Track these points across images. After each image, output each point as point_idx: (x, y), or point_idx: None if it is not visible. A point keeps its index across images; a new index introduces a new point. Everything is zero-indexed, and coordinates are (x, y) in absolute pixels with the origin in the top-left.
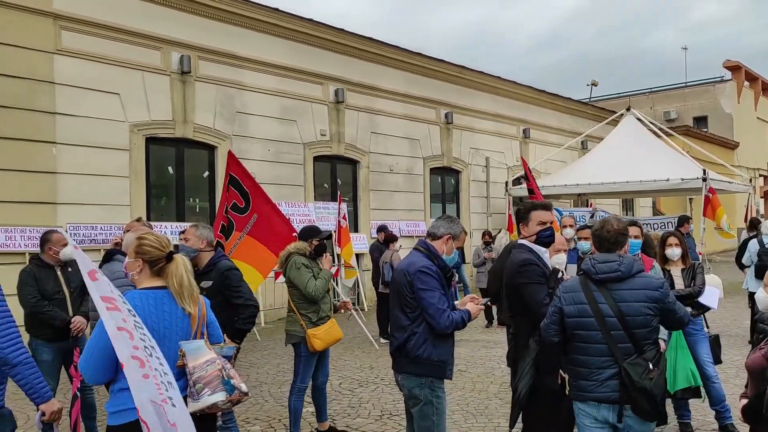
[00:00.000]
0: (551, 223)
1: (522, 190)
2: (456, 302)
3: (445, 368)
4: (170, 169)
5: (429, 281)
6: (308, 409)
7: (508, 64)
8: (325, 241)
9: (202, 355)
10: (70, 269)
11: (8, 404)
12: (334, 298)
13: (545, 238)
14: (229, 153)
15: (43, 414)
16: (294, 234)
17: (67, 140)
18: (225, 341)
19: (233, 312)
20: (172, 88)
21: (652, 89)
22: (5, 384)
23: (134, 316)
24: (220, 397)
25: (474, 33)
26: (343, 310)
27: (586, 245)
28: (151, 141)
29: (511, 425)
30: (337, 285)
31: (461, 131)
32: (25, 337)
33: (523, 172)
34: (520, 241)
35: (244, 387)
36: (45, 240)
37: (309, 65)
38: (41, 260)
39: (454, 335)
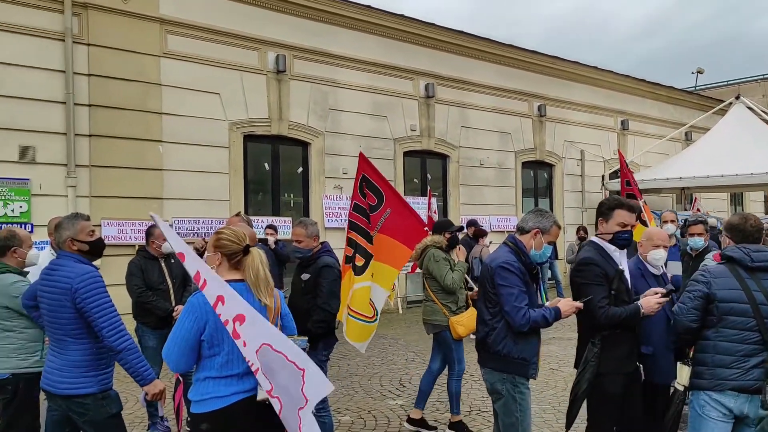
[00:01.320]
0: (632, 226)
1: (619, 184)
2: (548, 302)
3: (526, 366)
4: (266, 165)
5: (509, 277)
6: (394, 401)
7: (603, 53)
8: (457, 233)
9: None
10: (173, 261)
11: (118, 387)
12: (466, 287)
13: (622, 240)
14: (360, 154)
15: (147, 394)
16: (425, 228)
17: (172, 139)
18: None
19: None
20: (269, 87)
21: (765, 76)
22: (112, 368)
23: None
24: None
25: (567, 23)
26: (474, 299)
27: (699, 242)
28: (248, 138)
29: (568, 426)
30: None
31: (555, 124)
32: (133, 324)
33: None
34: (592, 239)
35: None
36: (149, 234)
37: (400, 61)
38: (147, 252)
39: (540, 333)
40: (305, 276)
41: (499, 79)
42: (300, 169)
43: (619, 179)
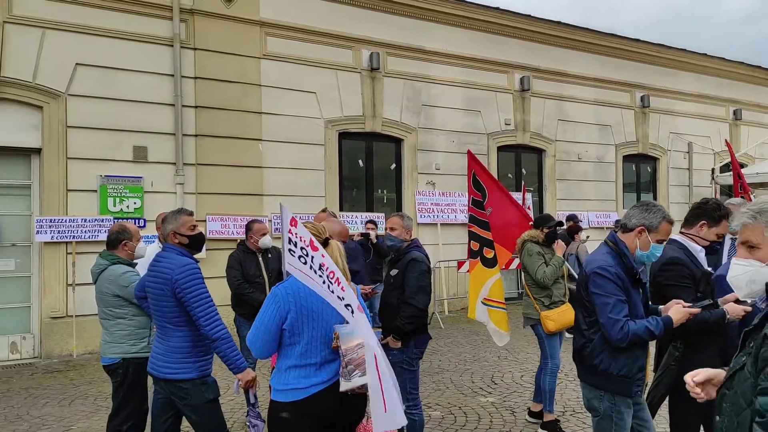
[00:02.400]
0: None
1: (731, 179)
2: (660, 307)
3: (628, 385)
4: (360, 161)
5: (604, 285)
6: (485, 399)
7: (711, 39)
8: (557, 228)
9: (354, 339)
10: (269, 255)
11: (219, 375)
12: (570, 283)
13: (713, 249)
14: (469, 152)
15: (241, 382)
16: (530, 222)
17: (271, 137)
18: (375, 326)
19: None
20: (363, 84)
21: None
22: (211, 356)
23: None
24: (369, 379)
25: (670, 10)
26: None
27: None
28: (343, 135)
29: None
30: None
31: (659, 115)
32: (231, 314)
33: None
34: (675, 237)
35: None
36: (248, 229)
37: (494, 54)
38: (246, 246)
39: (648, 345)
40: (394, 271)
41: (598, 70)
42: (393, 166)
43: (731, 173)
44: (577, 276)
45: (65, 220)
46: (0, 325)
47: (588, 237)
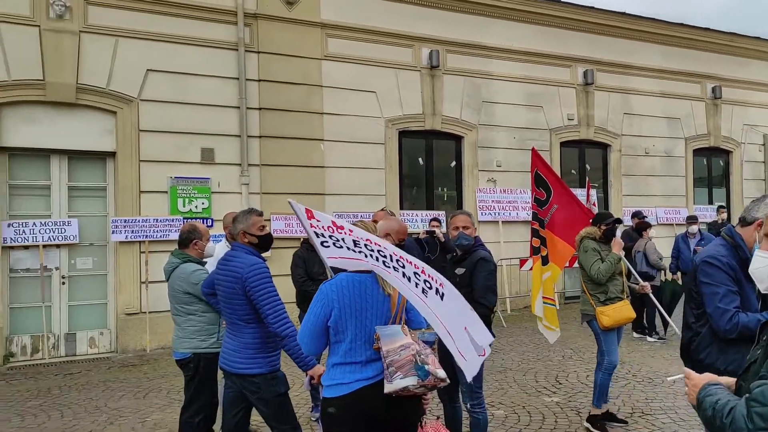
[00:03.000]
0: None
1: None
2: None
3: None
4: (420, 160)
5: (714, 274)
6: (550, 398)
7: None
8: (616, 225)
9: (397, 340)
10: None
11: (285, 370)
12: (630, 281)
13: None
14: (533, 150)
15: (312, 378)
16: (591, 219)
17: (332, 137)
18: (427, 327)
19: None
20: (422, 82)
21: None
22: (280, 351)
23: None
24: (411, 381)
25: None
26: (639, 293)
27: None
28: (403, 134)
29: None
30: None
31: (732, 106)
32: (296, 311)
33: None
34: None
35: (441, 373)
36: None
37: (556, 48)
38: (309, 245)
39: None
40: (460, 270)
41: (666, 61)
42: (453, 163)
43: None
44: (635, 272)
45: (138, 221)
46: (80, 321)
47: (655, 234)
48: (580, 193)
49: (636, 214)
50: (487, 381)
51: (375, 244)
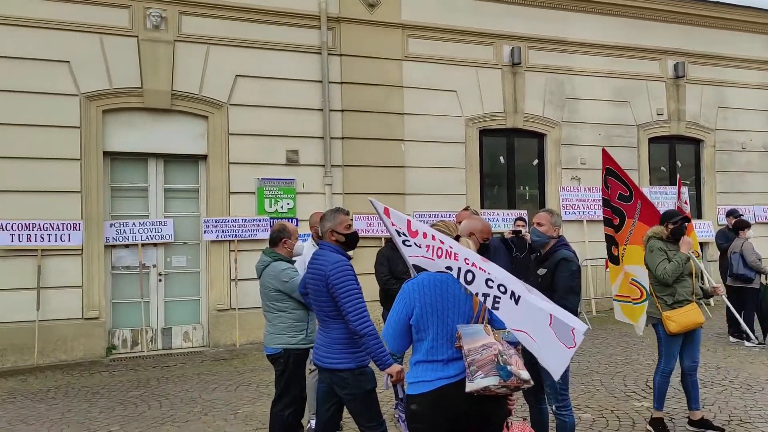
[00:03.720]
0: None
1: None
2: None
3: None
4: (502, 158)
5: None
6: (640, 403)
7: None
8: (685, 224)
9: (478, 339)
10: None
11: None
12: (702, 282)
13: None
14: (603, 151)
15: (391, 376)
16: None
17: (413, 137)
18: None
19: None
20: (504, 80)
21: None
22: None
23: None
24: (492, 381)
25: None
26: (713, 296)
27: None
28: (484, 133)
29: None
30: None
31: None
32: (380, 310)
33: None
34: None
35: (524, 374)
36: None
37: (644, 41)
38: (393, 244)
39: None
40: (542, 271)
41: (764, 51)
42: (536, 161)
43: None
44: (707, 273)
45: (228, 221)
46: (175, 316)
47: (752, 234)
48: (670, 191)
49: (731, 213)
50: (572, 383)
51: (447, 254)
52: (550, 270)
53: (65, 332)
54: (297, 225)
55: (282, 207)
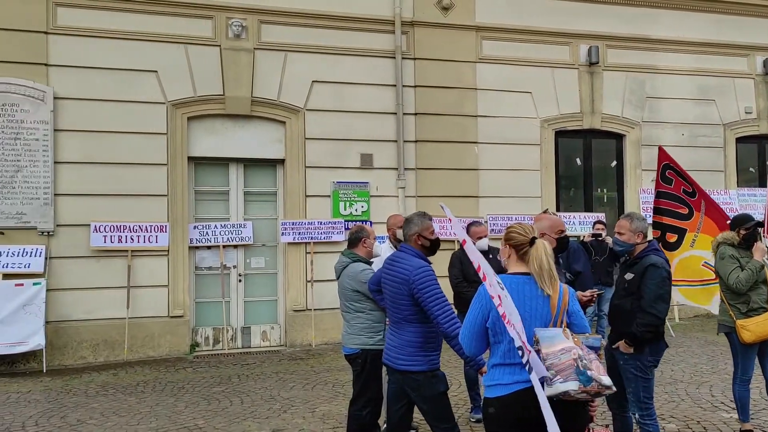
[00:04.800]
0: None
1: None
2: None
3: None
4: (578, 160)
5: None
6: (728, 414)
7: None
8: (758, 229)
9: (557, 343)
10: (491, 256)
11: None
12: None
13: None
14: (660, 148)
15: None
16: (727, 222)
17: (486, 139)
18: (591, 332)
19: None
20: (580, 80)
21: None
22: (439, 351)
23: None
24: (571, 386)
25: None
26: None
27: None
28: (559, 134)
29: None
30: None
31: None
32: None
33: None
34: None
35: (605, 380)
36: (467, 230)
37: (732, 37)
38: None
39: None
40: (629, 276)
41: None
42: (614, 163)
43: None
44: None
45: (304, 223)
46: (254, 316)
47: None
48: (760, 194)
49: None
50: (656, 392)
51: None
52: (638, 275)
53: (152, 329)
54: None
55: (356, 210)
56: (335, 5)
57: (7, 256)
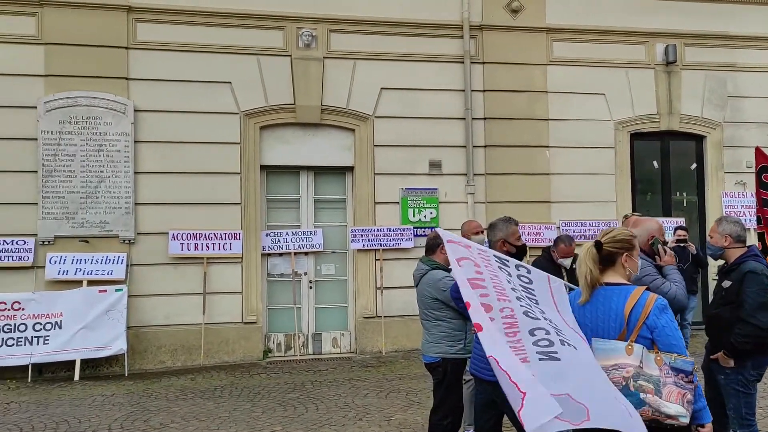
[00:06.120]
0: None
1: None
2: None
3: None
4: (655, 163)
5: None
6: None
7: None
8: None
9: (612, 357)
10: (574, 267)
11: None
12: None
13: None
14: (757, 149)
15: None
16: None
17: (558, 143)
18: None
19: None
20: (657, 80)
21: None
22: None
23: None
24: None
25: None
26: None
27: None
28: (635, 136)
29: None
30: None
31: None
32: None
33: None
34: None
35: (667, 408)
36: (555, 243)
37: None
38: (549, 255)
39: None
40: (726, 283)
41: None
42: (694, 165)
43: None
44: None
45: (373, 230)
46: (325, 322)
47: None
48: None
49: None
50: (759, 406)
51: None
52: (736, 283)
53: (227, 335)
54: None
55: (425, 216)
56: (403, 12)
57: (91, 263)
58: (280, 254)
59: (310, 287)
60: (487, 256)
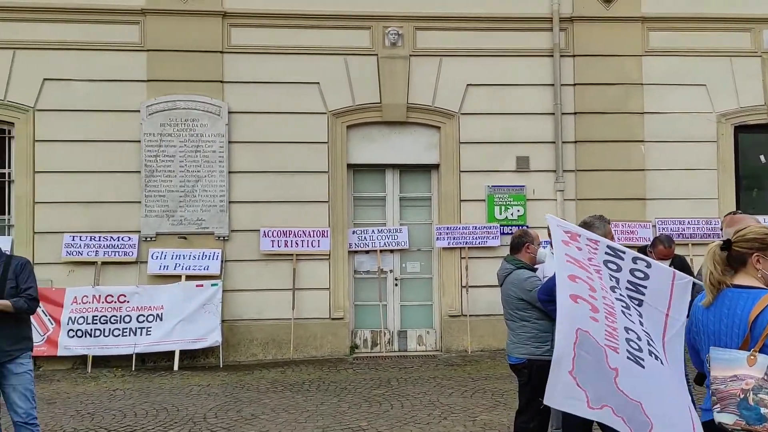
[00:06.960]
0: None
1: None
2: None
3: None
4: (762, 157)
5: None
6: None
7: None
8: None
9: (731, 368)
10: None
11: None
12: None
13: None
14: None
15: None
16: None
17: (654, 137)
18: None
19: None
20: (764, 69)
21: None
22: None
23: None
24: (725, 418)
25: None
26: None
27: None
28: (739, 129)
29: None
30: None
31: None
32: None
33: None
34: None
35: None
36: (653, 244)
37: None
38: (647, 255)
39: None
40: None
41: None
42: None
43: None
44: None
45: (459, 228)
46: (410, 320)
47: None
48: None
49: None
50: None
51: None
52: None
53: (315, 330)
54: None
55: (512, 214)
56: (490, 6)
57: (189, 259)
58: (367, 252)
59: (396, 284)
60: (596, 247)
